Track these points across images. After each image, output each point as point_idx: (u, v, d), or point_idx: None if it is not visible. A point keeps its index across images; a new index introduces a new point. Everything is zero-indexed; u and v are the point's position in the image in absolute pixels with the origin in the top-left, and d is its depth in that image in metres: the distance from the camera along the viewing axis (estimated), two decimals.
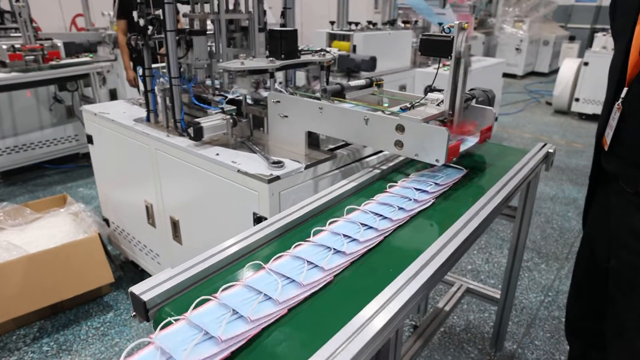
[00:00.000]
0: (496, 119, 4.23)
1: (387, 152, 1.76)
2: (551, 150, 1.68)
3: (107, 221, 2.60)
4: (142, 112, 2.15)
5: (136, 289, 0.86)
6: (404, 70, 3.79)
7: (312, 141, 1.68)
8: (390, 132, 1.37)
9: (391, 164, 1.51)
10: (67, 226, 2.41)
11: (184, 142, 1.77)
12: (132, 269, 2.60)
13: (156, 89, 2.01)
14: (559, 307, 2.44)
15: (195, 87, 2.02)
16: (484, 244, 3.04)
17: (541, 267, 2.79)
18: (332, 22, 3.67)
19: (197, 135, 1.67)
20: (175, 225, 1.97)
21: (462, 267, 2.77)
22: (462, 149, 1.40)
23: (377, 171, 1.44)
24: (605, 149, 1.26)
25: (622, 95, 1.18)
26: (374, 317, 0.78)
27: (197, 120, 1.70)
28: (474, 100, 1.62)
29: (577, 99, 6.14)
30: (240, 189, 1.55)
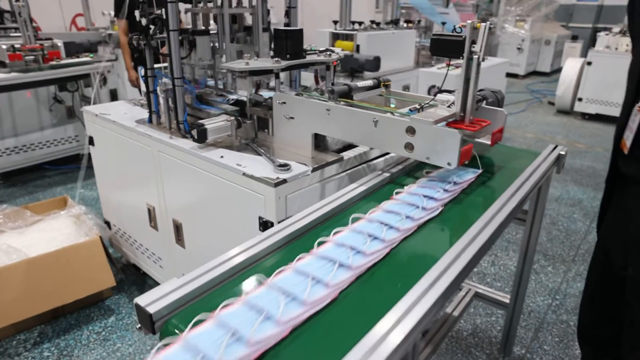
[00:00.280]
0: None
1: (395, 154, 1.73)
2: (562, 152, 1.65)
3: (108, 224, 2.56)
4: (144, 113, 2.12)
5: (142, 301, 0.82)
6: (408, 70, 3.76)
7: (319, 143, 1.65)
8: (400, 135, 1.34)
9: (400, 167, 1.47)
10: (68, 229, 2.37)
11: (187, 144, 1.73)
12: (134, 272, 2.57)
13: (158, 89, 1.97)
14: (567, 310, 2.40)
15: (198, 87, 1.99)
16: None
17: (548, 270, 2.75)
18: (336, 22, 3.63)
19: (201, 137, 1.63)
20: (178, 228, 1.94)
21: None
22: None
23: (386, 174, 1.41)
24: (624, 152, 1.23)
25: None
26: (390, 332, 0.74)
27: (200, 121, 1.66)
28: (484, 101, 1.58)
29: (580, 99, 6.10)
30: (245, 192, 1.51)
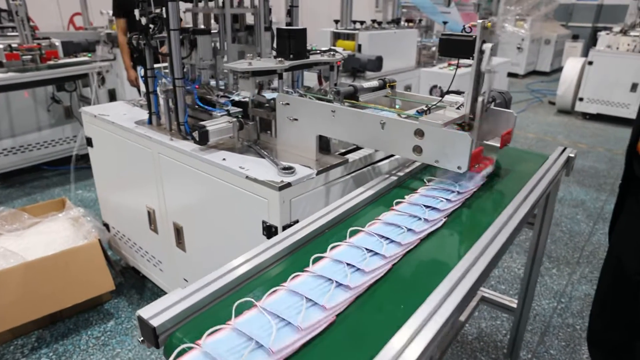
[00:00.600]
0: None
1: (400, 156, 1.70)
2: (572, 154, 1.62)
3: (107, 226, 2.52)
4: (144, 114, 2.08)
5: (144, 313, 0.79)
6: (409, 70, 3.73)
7: (323, 145, 1.61)
8: (408, 137, 1.30)
9: (407, 170, 1.43)
10: (66, 231, 2.33)
11: (189, 146, 1.70)
12: (134, 275, 2.53)
13: (158, 90, 1.93)
14: (572, 314, 2.37)
15: (198, 87, 1.95)
16: None
17: (552, 272, 2.72)
18: (337, 21, 3.59)
19: (203, 139, 1.60)
20: (178, 231, 1.90)
21: None
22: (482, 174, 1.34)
23: (393, 178, 1.37)
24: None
25: None
26: (405, 348, 0.71)
27: (202, 123, 1.62)
28: (493, 103, 1.55)
29: (581, 99, 6.07)
30: (248, 195, 1.48)
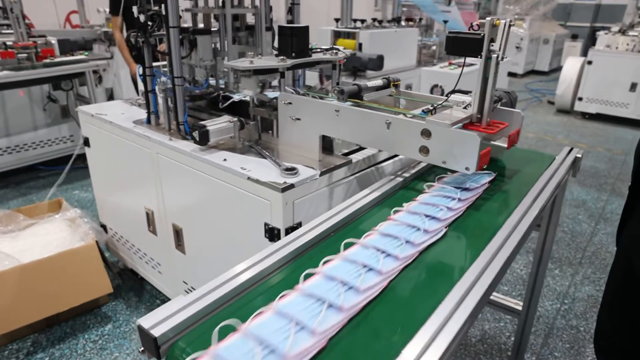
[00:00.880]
0: None
1: (403, 157, 1.67)
2: (579, 155, 1.59)
3: (104, 227, 2.48)
4: (142, 114, 2.04)
5: (145, 322, 0.75)
6: (410, 69, 3.69)
7: (326, 145, 1.58)
8: (415, 138, 1.27)
9: (413, 171, 1.40)
10: (63, 233, 2.29)
11: (188, 146, 1.66)
12: (132, 277, 2.49)
13: (157, 89, 1.89)
14: (576, 315, 2.35)
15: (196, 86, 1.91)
16: None
17: (555, 273, 2.70)
18: (337, 19, 3.56)
19: (203, 139, 1.56)
20: (178, 233, 1.86)
21: None
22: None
23: (399, 179, 1.34)
24: None
25: None
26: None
27: (202, 123, 1.59)
28: (499, 102, 1.52)
29: (580, 98, 6.07)
30: (250, 197, 1.44)
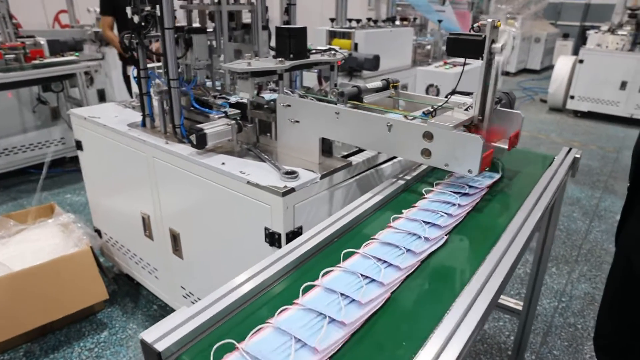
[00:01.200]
0: None
1: (402, 159, 1.66)
2: (578, 155, 1.59)
3: (98, 232, 2.44)
4: (136, 116, 2.00)
5: (148, 336, 0.73)
6: (405, 69, 3.69)
7: (325, 147, 1.56)
8: (416, 140, 1.25)
9: (415, 174, 1.39)
10: (56, 239, 2.24)
11: (185, 149, 1.63)
12: (127, 282, 2.45)
13: (152, 91, 1.86)
14: (573, 313, 2.36)
15: (194, 88, 1.88)
16: None
17: (552, 271, 2.71)
18: (332, 19, 3.54)
19: (201, 142, 1.53)
20: (175, 238, 1.83)
21: None
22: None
23: (401, 182, 1.33)
24: None
25: None
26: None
27: (199, 126, 1.56)
28: (499, 103, 1.51)
29: (572, 97, 6.11)
30: (249, 201, 1.42)
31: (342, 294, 0.82)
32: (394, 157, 1.70)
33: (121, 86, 4.04)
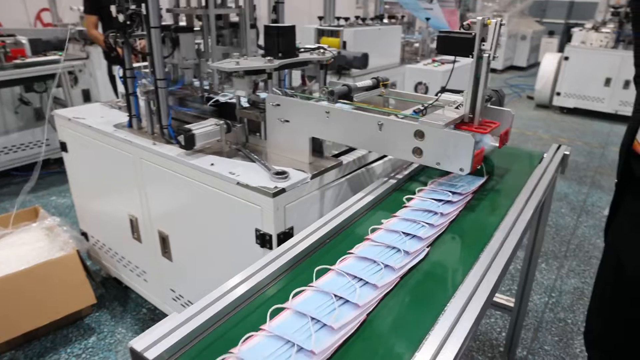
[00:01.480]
0: None
1: (392, 157, 1.65)
2: (567, 152, 1.60)
3: (85, 235, 2.39)
4: (122, 117, 1.96)
5: (138, 344, 0.71)
6: (394, 67, 3.69)
7: (315, 147, 1.55)
8: (408, 139, 1.24)
9: (406, 172, 1.38)
10: (41, 243, 2.19)
11: (173, 150, 1.60)
12: (115, 285, 2.41)
13: (138, 91, 1.82)
14: (563, 308, 2.38)
15: (182, 88, 1.85)
16: None
17: (541, 267, 2.73)
18: (321, 17, 3.52)
19: (189, 143, 1.51)
20: (164, 240, 1.80)
21: None
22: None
23: (392, 181, 1.32)
24: (638, 155, 1.17)
25: None
26: None
27: (187, 126, 1.53)
28: (489, 101, 1.51)
29: (558, 93, 6.18)
30: (239, 202, 1.40)
31: (312, 318, 0.76)
32: (385, 156, 1.70)
33: (107, 86, 3.97)
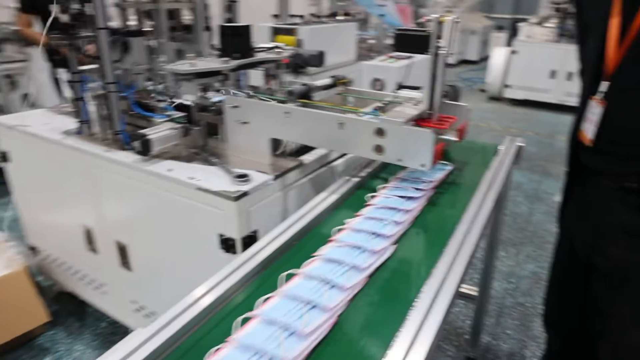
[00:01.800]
0: None
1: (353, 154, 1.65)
2: (522, 144, 1.66)
3: (34, 249, 2.25)
4: (70, 123, 1.85)
5: None
6: (350, 64, 3.70)
7: (275, 147, 1.53)
8: (369, 137, 1.25)
9: (370, 170, 1.39)
10: None
11: (128, 157, 1.53)
12: (71, 300, 2.28)
13: (87, 95, 1.73)
14: (522, 293, 2.49)
15: (135, 92, 1.77)
16: None
17: (501, 254, 2.84)
18: (276, 15, 3.48)
19: (145, 149, 1.44)
20: (122, 250, 1.72)
21: None
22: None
23: (355, 179, 1.32)
24: (585, 145, 1.23)
25: (604, 89, 1.14)
26: None
27: (142, 131, 1.47)
28: (446, 97, 1.55)
29: (508, 86, 6.45)
30: (201, 208, 1.36)
31: (281, 326, 0.75)
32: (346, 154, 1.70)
33: (50, 90, 3.74)
